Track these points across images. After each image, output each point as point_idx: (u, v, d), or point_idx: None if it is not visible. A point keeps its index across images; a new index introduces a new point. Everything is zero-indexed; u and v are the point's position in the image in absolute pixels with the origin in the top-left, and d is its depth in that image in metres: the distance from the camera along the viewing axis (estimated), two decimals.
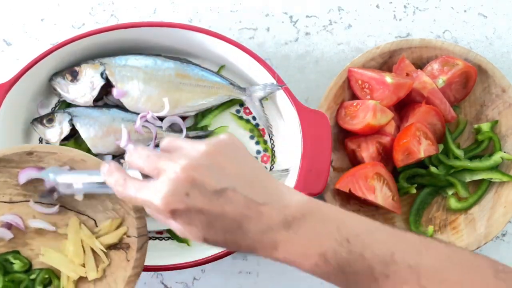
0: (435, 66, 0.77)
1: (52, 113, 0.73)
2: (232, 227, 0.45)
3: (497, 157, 0.76)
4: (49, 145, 0.73)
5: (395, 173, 0.76)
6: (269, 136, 0.77)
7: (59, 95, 0.74)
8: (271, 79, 0.72)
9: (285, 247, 0.46)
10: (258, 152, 0.77)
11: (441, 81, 0.76)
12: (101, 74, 0.73)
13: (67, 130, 0.72)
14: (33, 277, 0.61)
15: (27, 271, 0.62)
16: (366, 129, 0.73)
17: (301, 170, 0.69)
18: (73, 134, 0.73)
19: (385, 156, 0.75)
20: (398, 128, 0.77)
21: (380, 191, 0.72)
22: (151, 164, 0.47)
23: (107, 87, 0.73)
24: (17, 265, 0.62)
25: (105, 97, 0.75)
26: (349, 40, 0.83)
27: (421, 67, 0.78)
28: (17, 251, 0.63)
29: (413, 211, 0.77)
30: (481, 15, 0.84)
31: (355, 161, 0.77)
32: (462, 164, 0.76)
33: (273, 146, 0.77)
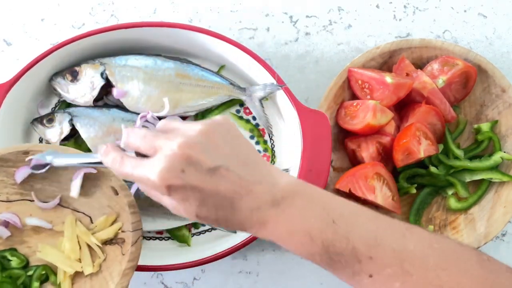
0: (435, 66, 0.77)
1: (52, 113, 0.73)
2: (224, 204, 0.46)
3: (497, 157, 0.76)
4: (44, 144, 0.73)
5: (395, 173, 0.76)
6: (269, 136, 0.77)
7: (59, 95, 0.74)
8: (271, 79, 0.72)
9: (273, 225, 0.47)
10: (258, 152, 0.77)
11: (441, 81, 0.76)
12: (101, 74, 0.73)
13: (67, 130, 0.72)
14: (30, 273, 0.62)
15: (24, 267, 0.63)
16: (366, 129, 0.73)
17: (301, 170, 0.69)
18: (73, 134, 0.73)
19: (385, 156, 0.75)
20: (398, 128, 0.77)
21: (380, 191, 0.72)
22: (148, 142, 0.48)
23: (107, 87, 0.73)
24: (14, 262, 0.62)
25: (105, 97, 0.75)
26: (349, 40, 0.83)
27: (421, 67, 0.78)
28: (14, 249, 0.63)
29: (413, 211, 0.77)
30: (481, 15, 0.84)
31: (355, 161, 0.77)
32: (462, 164, 0.76)
33: (273, 146, 0.77)
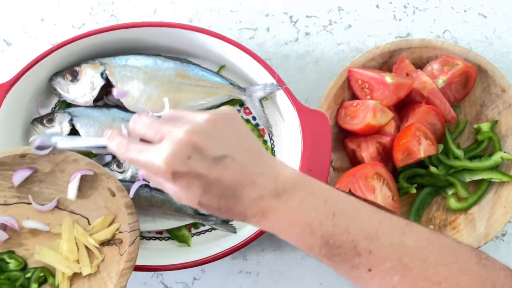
0: (435, 66, 0.77)
1: (52, 113, 0.73)
2: (226, 193, 0.47)
3: (497, 157, 0.76)
4: None
5: (395, 173, 0.76)
6: (269, 136, 0.77)
7: (59, 95, 0.74)
8: (271, 79, 0.72)
9: (274, 216, 0.47)
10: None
11: (441, 81, 0.76)
12: (101, 74, 0.73)
13: (67, 130, 0.72)
14: (28, 275, 0.62)
15: (22, 270, 0.63)
16: (366, 129, 0.73)
17: (301, 170, 0.69)
18: (73, 134, 0.73)
19: (385, 156, 0.75)
20: (398, 128, 0.77)
21: (380, 191, 0.72)
22: (155, 129, 0.48)
23: (107, 87, 0.73)
24: (12, 264, 0.62)
25: (105, 97, 0.75)
26: (349, 40, 0.83)
27: (421, 67, 0.78)
28: (12, 251, 0.63)
29: (413, 211, 0.77)
30: (481, 15, 0.84)
31: (355, 161, 0.77)
32: (462, 164, 0.76)
33: (273, 146, 0.77)
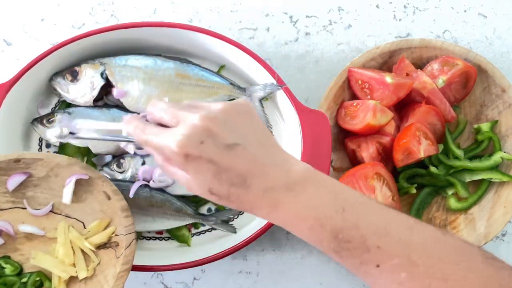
0: (435, 66, 0.77)
1: (52, 113, 0.73)
2: (237, 181, 0.47)
3: (497, 157, 0.76)
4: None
5: (395, 173, 0.76)
6: None
7: (59, 95, 0.74)
8: (271, 79, 0.72)
9: (284, 208, 0.48)
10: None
11: (441, 81, 0.76)
12: (101, 74, 0.73)
13: (66, 130, 0.72)
14: (24, 280, 0.62)
15: (18, 274, 0.63)
16: (366, 129, 0.73)
17: None
18: (73, 134, 0.73)
19: (385, 156, 0.75)
20: (398, 128, 0.77)
21: (380, 191, 0.72)
22: (171, 114, 0.50)
23: (107, 87, 0.73)
24: (8, 269, 0.62)
25: (105, 97, 0.75)
26: (349, 40, 0.83)
27: (421, 67, 0.78)
28: (7, 256, 0.63)
29: (413, 211, 0.77)
30: (481, 15, 0.84)
31: (355, 161, 0.77)
32: (462, 164, 0.76)
33: None
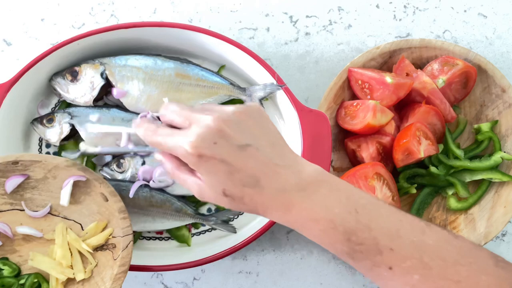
0: (435, 66, 0.77)
1: (52, 113, 0.73)
2: (250, 181, 0.48)
3: (497, 157, 0.76)
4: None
5: (395, 173, 0.76)
6: None
7: (59, 95, 0.74)
8: (271, 79, 0.72)
9: (298, 209, 0.48)
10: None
11: (441, 81, 0.76)
12: (101, 74, 0.73)
13: (67, 130, 0.72)
14: (22, 281, 0.62)
15: (16, 276, 0.63)
16: (366, 129, 0.73)
17: None
18: (73, 134, 0.73)
19: (385, 156, 0.75)
20: (398, 128, 0.77)
21: (380, 191, 0.72)
22: (184, 115, 0.50)
23: (107, 87, 0.73)
24: (6, 271, 0.63)
25: (105, 97, 0.75)
26: (349, 40, 0.83)
27: (421, 67, 0.78)
28: (6, 258, 0.63)
29: (413, 211, 0.77)
30: (481, 15, 0.84)
31: (355, 161, 0.77)
32: (462, 164, 0.76)
33: None
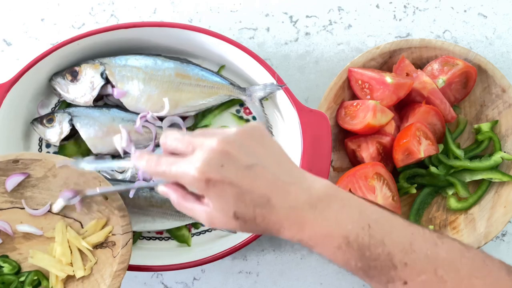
0: (435, 66, 0.77)
1: (52, 113, 0.73)
2: (261, 201, 0.47)
3: (497, 157, 0.75)
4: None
5: (395, 173, 0.76)
6: None
7: (59, 95, 0.74)
8: (271, 79, 0.72)
9: (311, 226, 0.47)
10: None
11: (441, 81, 0.76)
12: (101, 74, 0.73)
13: (67, 130, 0.72)
14: (22, 279, 0.62)
15: (16, 273, 0.63)
16: (366, 129, 0.73)
17: None
18: (73, 134, 0.73)
19: (385, 156, 0.75)
20: (398, 128, 0.77)
21: (380, 191, 0.72)
22: (186, 142, 0.49)
23: (107, 87, 0.73)
24: (6, 268, 0.63)
25: (105, 97, 0.75)
26: (349, 40, 0.83)
27: (421, 67, 0.78)
28: (6, 255, 0.63)
29: (413, 211, 0.77)
30: (481, 15, 0.84)
31: (355, 161, 0.76)
32: (462, 164, 0.76)
33: None
